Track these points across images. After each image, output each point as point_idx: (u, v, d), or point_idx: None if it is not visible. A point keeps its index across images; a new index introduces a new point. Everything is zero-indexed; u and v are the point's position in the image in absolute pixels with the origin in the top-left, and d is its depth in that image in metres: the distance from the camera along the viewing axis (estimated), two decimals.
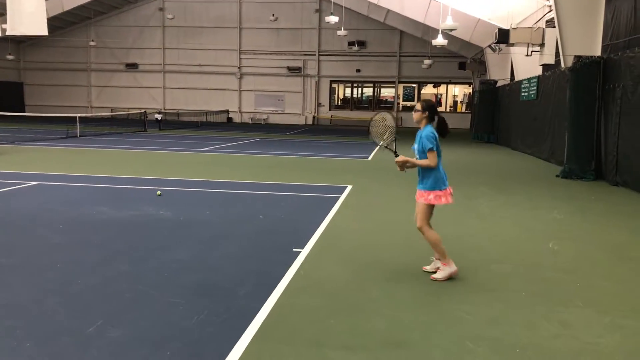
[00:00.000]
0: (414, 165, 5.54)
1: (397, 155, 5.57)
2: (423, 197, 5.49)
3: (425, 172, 5.48)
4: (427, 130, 5.44)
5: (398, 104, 43.10)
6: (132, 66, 44.72)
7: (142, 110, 32.54)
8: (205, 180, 12.03)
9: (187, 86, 44.39)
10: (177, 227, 7.50)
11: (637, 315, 4.73)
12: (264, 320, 4.39)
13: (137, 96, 44.64)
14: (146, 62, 44.59)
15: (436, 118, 5.49)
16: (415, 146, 5.51)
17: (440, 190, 5.44)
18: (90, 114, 36.82)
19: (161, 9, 43.88)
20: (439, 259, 5.58)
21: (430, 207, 5.53)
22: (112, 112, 39.55)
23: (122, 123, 32.93)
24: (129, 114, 35.36)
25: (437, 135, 5.44)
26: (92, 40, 43.13)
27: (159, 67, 44.58)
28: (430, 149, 5.37)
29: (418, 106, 5.52)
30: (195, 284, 5.22)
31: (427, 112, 5.46)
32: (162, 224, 7.67)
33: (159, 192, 9.96)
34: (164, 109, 42.45)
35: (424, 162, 5.43)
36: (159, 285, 5.16)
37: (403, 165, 5.55)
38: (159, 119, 31.49)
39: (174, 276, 5.44)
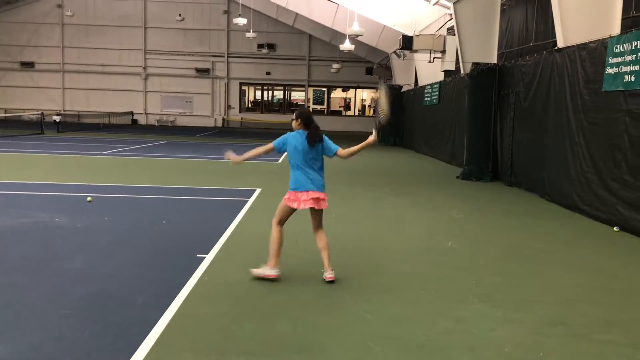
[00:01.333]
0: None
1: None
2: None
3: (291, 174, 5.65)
4: (290, 134, 5.64)
5: (308, 107, 43.44)
6: (27, 65, 42.19)
7: (39, 112, 30.74)
8: (105, 184, 11.52)
9: (89, 87, 42.45)
10: (74, 235, 7.13)
11: (526, 308, 5.00)
12: (164, 330, 4.24)
13: (34, 97, 42.14)
14: (43, 62, 42.20)
15: (312, 125, 5.60)
16: None
17: (293, 192, 5.55)
18: None
19: (60, 6, 41.72)
20: (330, 267, 5.59)
21: (285, 207, 5.61)
22: (5, 113, 37.11)
23: (16, 125, 30.97)
24: (23, 115, 33.29)
25: (292, 140, 5.56)
26: None
27: (58, 67, 42.34)
28: (274, 144, 5.65)
29: (293, 115, 5.73)
30: (91, 294, 4.97)
31: (300, 120, 5.62)
32: (57, 232, 7.26)
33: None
34: (63, 111, 40.35)
35: (264, 147, 5.79)
36: (50, 297, 4.87)
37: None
38: (58, 120, 29.88)
39: (67, 287, 5.15)
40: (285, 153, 5.66)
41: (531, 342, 4.28)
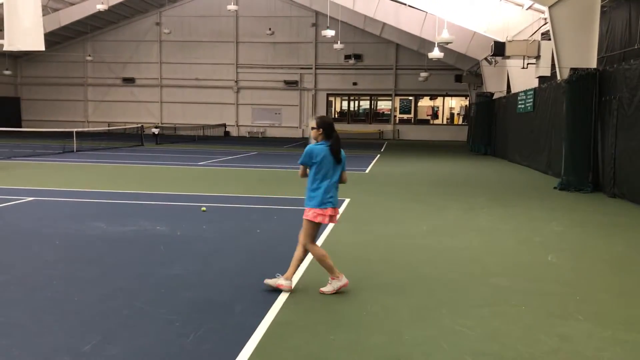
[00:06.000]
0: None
1: None
2: (305, 213, 5.46)
3: (308, 189, 5.44)
4: (310, 147, 5.39)
5: (395, 116, 43.21)
6: (129, 80, 44.81)
7: (139, 125, 32.55)
8: (201, 194, 11.99)
9: (184, 100, 44.46)
10: (174, 242, 7.46)
11: (638, 329, 4.69)
12: (262, 337, 4.34)
13: (134, 110, 44.68)
14: (143, 77, 44.69)
15: (334, 135, 5.39)
16: None
17: (320, 209, 5.37)
18: (87, 129, 36.80)
19: (158, 24, 44.06)
20: (332, 277, 5.48)
21: (313, 224, 5.43)
22: (109, 126, 39.58)
23: (119, 138, 32.95)
24: (125, 129, 35.36)
25: (319, 153, 5.34)
26: (89, 55, 43.24)
27: (156, 82, 44.67)
28: (301, 163, 5.44)
29: (313, 123, 5.42)
30: (192, 300, 5.18)
31: (321, 130, 5.38)
32: (157, 240, 7.62)
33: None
34: (161, 123, 42.47)
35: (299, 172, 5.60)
36: (156, 301, 5.12)
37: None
38: (156, 133, 31.49)
39: (170, 292, 5.39)
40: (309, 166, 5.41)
41: None
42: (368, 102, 44.79)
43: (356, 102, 45.48)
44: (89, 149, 24.89)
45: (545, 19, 17.87)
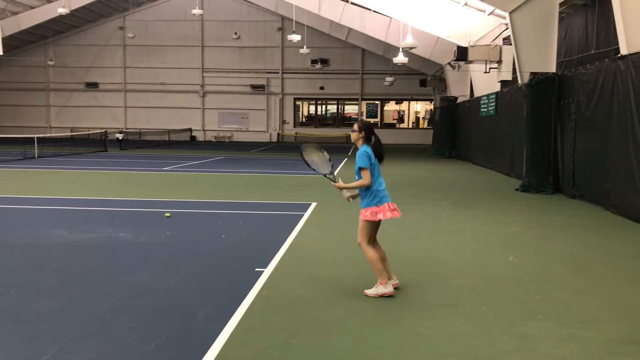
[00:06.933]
0: (355, 190, 5.63)
1: (335, 181, 5.66)
2: (361, 214, 5.57)
3: (362, 190, 5.57)
4: (362, 150, 5.54)
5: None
6: (92, 85, 44.08)
7: (103, 130, 32.02)
8: (165, 200, 11.86)
9: (149, 105, 43.92)
10: (137, 249, 7.37)
11: (594, 326, 4.82)
12: (225, 343, 4.32)
13: (98, 116, 43.94)
14: (107, 81, 44.02)
15: (373, 138, 5.58)
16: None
17: (377, 206, 5.49)
18: (49, 135, 36.01)
19: (122, 28, 43.48)
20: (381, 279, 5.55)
21: (370, 224, 5.55)
22: (72, 132, 38.81)
23: (82, 143, 32.37)
24: (89, 134, 34.75)
25: (371, 154, 5.51)
26: (51, 60, 42.39)
27: (120, 86, 44.05)
28: (363, 168, 5.46)
29: (355, 127, 5.65)
30: (154, 307, 5.12)
31: (363, 132, 5.57)
32: (119, 246, 7.52)
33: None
34: (125, 128, 41.86)
35: (356, 183, 5.52)
36: (117, 309, 5.04)
37: (345, 192, 5.67)
38: (120, 138, 31.02)
39: (132, 300, 5.32)
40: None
41: None
42: (335, 106, 45.00)
43: (323, 107, 45.65)
44: (50, 155, 24.36)
45: (507, 24, 18.23)
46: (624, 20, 10.40)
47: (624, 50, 10.51)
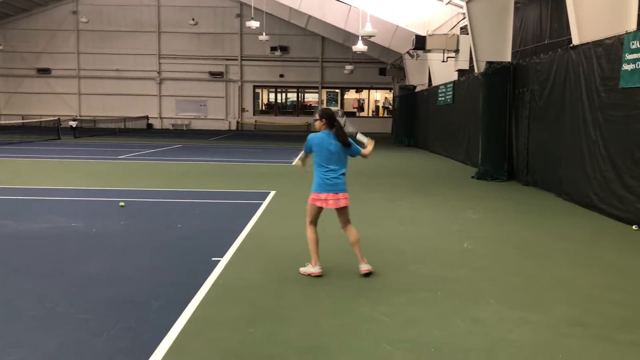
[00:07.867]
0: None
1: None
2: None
3: (313, 174, 5.84)
4: (311, 134, 5.85)
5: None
6: (44, 71, 42.66)
7: (56, 118, 31.07)
8: (120, 189, 11.60)
9: (104, 92, 42.81)
10: (89, 239, 7.18)
11: (544, 309, 4.94)
12: (179, 333, 4.25)
13: (51, 103, 42.58)
14: (59, 67, 42.65)
15: (335, 124, 5.81)
16: None
17: (316, 193, 5.79)
18: None
19: (75, 12, 42.16)
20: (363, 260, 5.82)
21: (311, 207, 5.86)
22: (23, 119, 37.52)
23: (34, 131, 31.37)
24: (41, 122, 33.69)
25: (325, 140, 5.74)
26: (0, 44, 40.82)
27: (74, 73, 42.76)
28: (304, 151, 6.01)
29: (317, 115, 5.93)
30: (107, 298, 5.00)
31: (324, 120, 5.82)
32: (73, 237, 7.32)
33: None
34: (80, 116, 40.72)
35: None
36: (67, 301, 4.90)
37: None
38: (74, 126, 30.16)
39: (84, 291, 5.18)
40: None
41: (549, 344, 4.22)
42: (295, 94, 44.81)
43: (283, 95, 45.39)
44: (0, 143, 23.52)
45: (464, 13, 18.44)
46: (576, 11, 10.63)
47: (575, 41, 10.75)
